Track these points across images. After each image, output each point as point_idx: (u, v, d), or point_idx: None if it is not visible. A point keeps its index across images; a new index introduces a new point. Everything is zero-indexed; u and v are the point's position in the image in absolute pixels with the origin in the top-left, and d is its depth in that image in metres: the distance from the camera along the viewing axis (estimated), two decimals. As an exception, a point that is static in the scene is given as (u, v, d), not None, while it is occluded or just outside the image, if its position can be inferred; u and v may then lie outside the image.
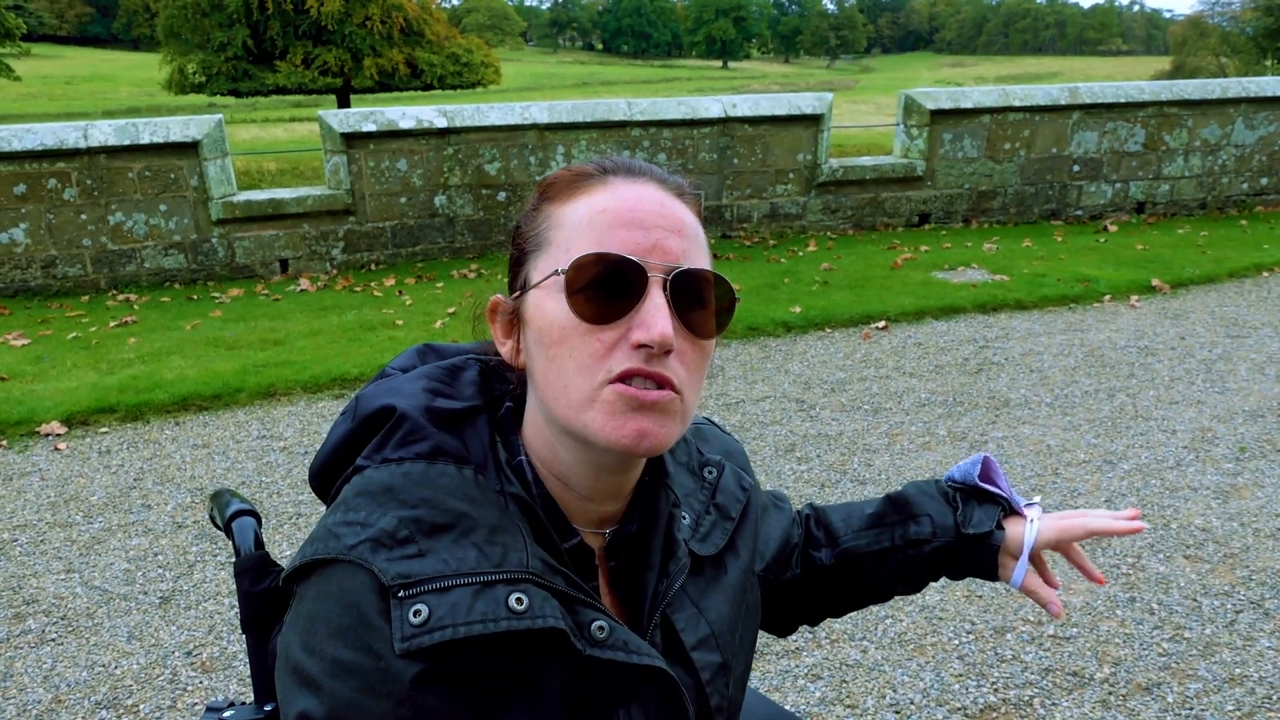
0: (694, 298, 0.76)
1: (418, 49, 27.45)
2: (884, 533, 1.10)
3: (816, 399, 4.42)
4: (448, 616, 0.68)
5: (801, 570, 1.13)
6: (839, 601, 1.16)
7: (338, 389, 4.64)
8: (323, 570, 0.72)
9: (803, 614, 1.17)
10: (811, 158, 8.05)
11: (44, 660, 2.59)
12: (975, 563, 1.05)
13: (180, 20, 25.89)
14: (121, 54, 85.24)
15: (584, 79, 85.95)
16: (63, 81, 59.73)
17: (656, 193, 0.79)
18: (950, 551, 1.06)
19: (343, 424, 0.85)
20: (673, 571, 0.87)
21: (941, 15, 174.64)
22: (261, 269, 7.16)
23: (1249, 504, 3.31)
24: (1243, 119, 8.72)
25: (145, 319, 6.01)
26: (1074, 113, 8.35)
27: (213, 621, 2.74)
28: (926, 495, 1.10)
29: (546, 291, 0.76)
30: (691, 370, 0.77)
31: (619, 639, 0.77)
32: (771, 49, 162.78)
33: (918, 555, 1.08)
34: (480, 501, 0.76)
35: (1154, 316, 5.64)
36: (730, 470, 1.01)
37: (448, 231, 7.49)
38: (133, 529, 3.32)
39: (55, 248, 6.68)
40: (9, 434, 4.15)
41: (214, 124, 6.80)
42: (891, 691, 2.38)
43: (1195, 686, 2.36)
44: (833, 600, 1.15)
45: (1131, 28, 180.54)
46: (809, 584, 1.13)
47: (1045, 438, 3.93)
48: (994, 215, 8.59)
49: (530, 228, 0.81)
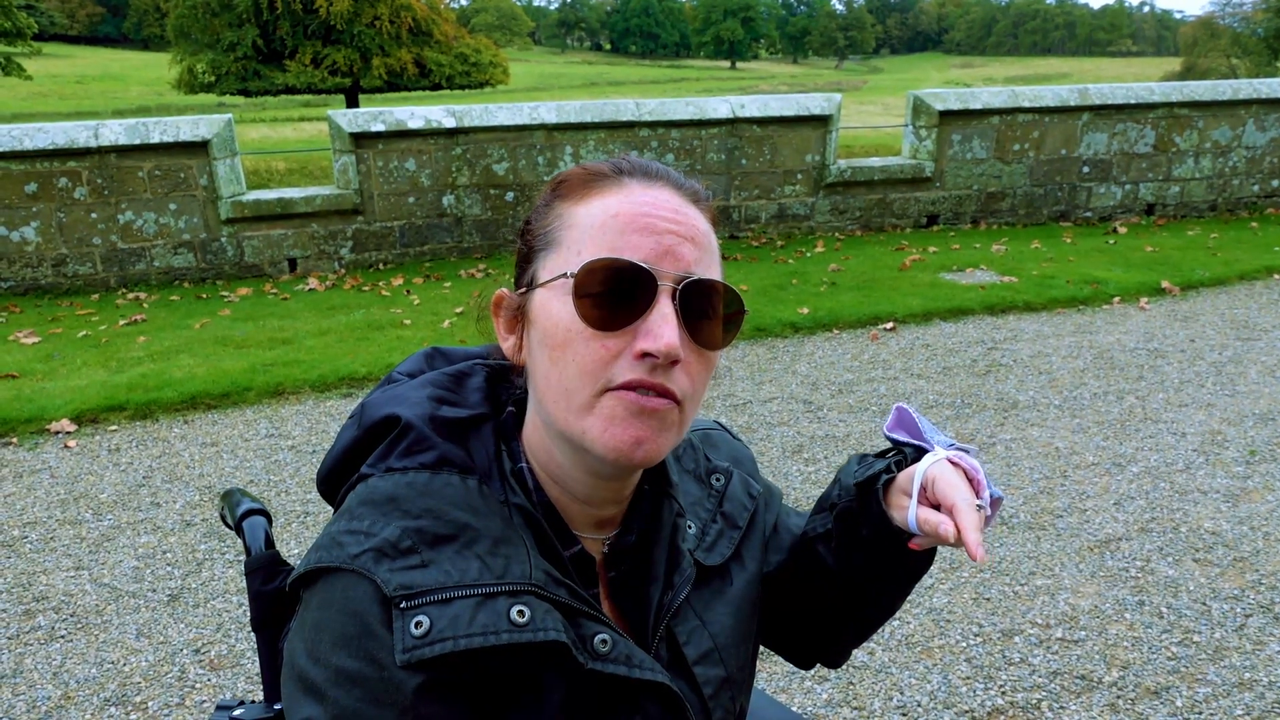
0: (703, 308, 0.75)
1: (426, 49, 27.49)
2: (823, 513, 0.97)
3: (824, 400, 4.41)
4: (449, 629, 0.68)
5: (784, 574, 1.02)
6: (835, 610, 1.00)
7: (346, 388, 4.65)
8: (327, 578, 0.72)
9: (811, 636, 1.05)
10: (820, 158, 8.04)
11: (53, 657, 2.60)
12: (871, 515, 0.87)
13: (190, 20, 25.98)
14: (132, 54, 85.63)
15: (592, 79, 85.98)
16: (73, 81, 60.01)
17: (672, 198, 0.77)
18: (851, 510, 0.90)
19: (349, 430, 0.84)
20: (677, 583, 0.86)
21: (950, 16, 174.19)
22: (270, 268, 7.18)
23: (1259, 507, 3.29)
24: (1254, 120, 8.67)
25: (155, 317, 6.03)
26: (1083, 114, 8.32)
27: (221, 619, 2.75)
28: (849, 462, 0.96)
29: (553, 292, 0.75)
30: (695, 382, 0.76)
31: (621, 653, 0.77)
32: (780, 49, 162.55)
33: (840, 527, 0.92)
34: (484, 512, 0.76)
35: (1164, 319, 5.61)
36: (738, 478, 0.99)
37: (456, 231, 7.50)
38: (142, 526, 3.33)
39: (66, 246, 6.71)
40: (19, 431, 4.18)
41: (223, 123, 6.83)
42: (899, 694, 2.38)
43: (1204, 691, 2.35)
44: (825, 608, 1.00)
45: (1142, 29, 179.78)
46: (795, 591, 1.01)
47: (1054, 440, 3.91)
48: (1003, 217, 8.56)
49: (541, 225, 0.80)
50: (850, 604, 0.97)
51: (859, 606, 0.98)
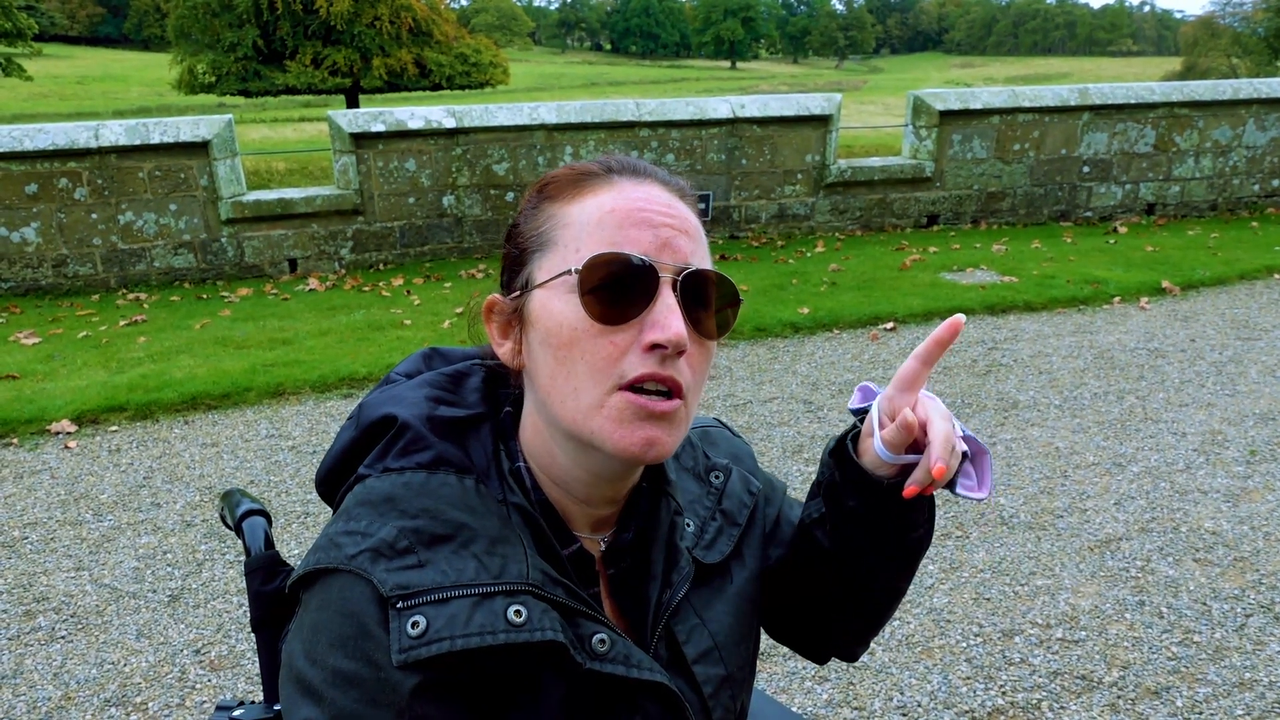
0: (701, 298, 0.76)
1: (426, 49, 27.50)
2: (815, 499, 0.96)
3: (824, 400, 4.41)
4: (445, 629, 0.68)
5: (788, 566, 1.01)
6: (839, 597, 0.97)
7: (346, 388, 4.65)
8: (325, 579, 0.72)
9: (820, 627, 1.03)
10: (820, 158, 8.04)
11: (54, 657, 2.60)
12: (851, 478, 0.85)
13: (190, 20, 26.00)
14: (132, 54, 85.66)
15: (592, 79, 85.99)
16: (74, 81, 60.03)
17: (663, 193, 0.78)
18: (834, 482, 0.88)
19: (347, 431, 0.84)
20: (675, 581, 0.86)
21: (950, 16, 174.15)
22: (270, 268, 7.18)
23: (1259, 507, 3.29)
24: (1254, 120, 8.67)
25: (155, 318, 6.04)
26: (1084, 114, 8.32)
27: (221, 620, 2.75)
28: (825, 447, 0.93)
29: (554, 291, 0.75)
30: (696, 372, 0.77)
31: (620, 652, 0.76)
32: (780, 49, 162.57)
33: (829, 503, 0.91)
34: (481, 512, 0.76)
35: (1164, 318, 5.61)
36: (738, 474, 0.99)
37: (456, 231, 7.50)
38: (142, 527, 3.33)
39: (66, 247, 6.72)
40: (20, 432, 4.18)
41: (224, 124, 6.83)
42: (899, 694, 2.38)
43: (1205, 691, 2.35)
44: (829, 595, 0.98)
45: (1142, 28, 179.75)
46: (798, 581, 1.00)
47: (1054, 440, 3.91)
48: (1003, 216, 8.56)
49: (531, 226, 0.80)
50: (852, 588, 0.95)
51: (862, 589, 0.95)
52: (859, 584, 0.95)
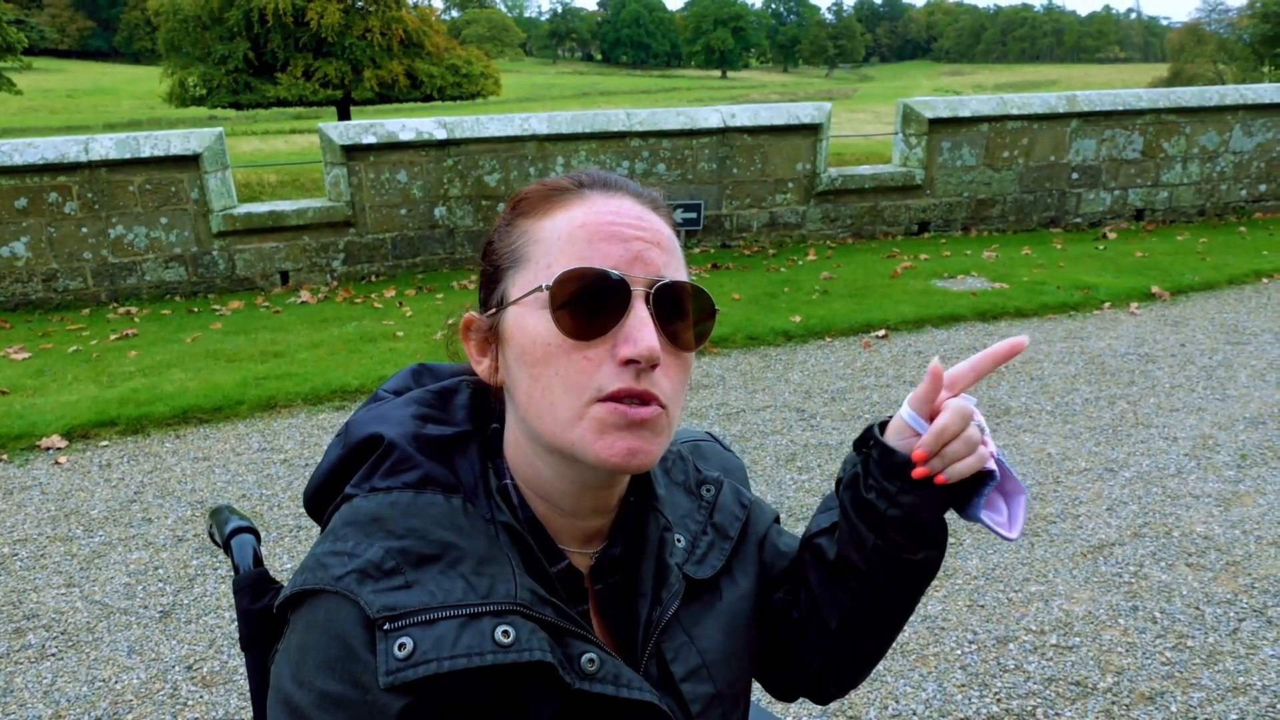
0: (675, 310, 0.75)
1: (417, 60, 27.57)
2: (827, 512, 0.95)
3: (817, 408, 4.42)
4: (433, 650, 0.67)
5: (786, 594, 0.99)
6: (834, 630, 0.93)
7: (338, 401, 4.64)
8: (312, 600, 0.71)
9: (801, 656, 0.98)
10: (810, 167, 8.07)
11: (44, 675, 2.58)
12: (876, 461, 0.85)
13: (181, 34, 26.03)
14: (123, 67, 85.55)
15: (583, 89, 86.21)
16: (64, 95, 59.93)
17: (634, 206, 0.78)
18: (857, 475, 0.87)
19: (335, 449, 0.84)
20: (665, 599, 0.85)
21: (939, 24, 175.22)
22: (262, 281, 7.17)
23: (1251, 511, 3.30)
24: (1240, 126, 8.73)
25: (146, 332, 6.02)
26: (1072, 120, 8.37)
27: (213, 636, 2.74)
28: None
29: (527, 308, 0.75)
30: (674, 383, 0.76)
31: (609, 672, 0.76)
32: (770, 58, 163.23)
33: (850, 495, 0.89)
34: (468, 531, 0.75)
35: (1154, 324, 5.64)
36: (729, 487, 0.99)
37: (448, 243, 7.50)
38: (133, 543, 3.31)
39: (56, 261, 6.70)
40: (9, 447, 4.15)
41: (214, 137, 6.82)
42: (894, 702, 2.37)
43: (1199, 695, 2.35)
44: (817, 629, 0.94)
45: (1129, 35, 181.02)
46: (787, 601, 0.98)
47: (1046, 445, 3.92)
48: (993, 223, 8.60)
49: (505, 243, 0.80)
50: (847, 611, 0.91)
51: (857, 611, 0.91)
52: (855, 606, 0.91)
